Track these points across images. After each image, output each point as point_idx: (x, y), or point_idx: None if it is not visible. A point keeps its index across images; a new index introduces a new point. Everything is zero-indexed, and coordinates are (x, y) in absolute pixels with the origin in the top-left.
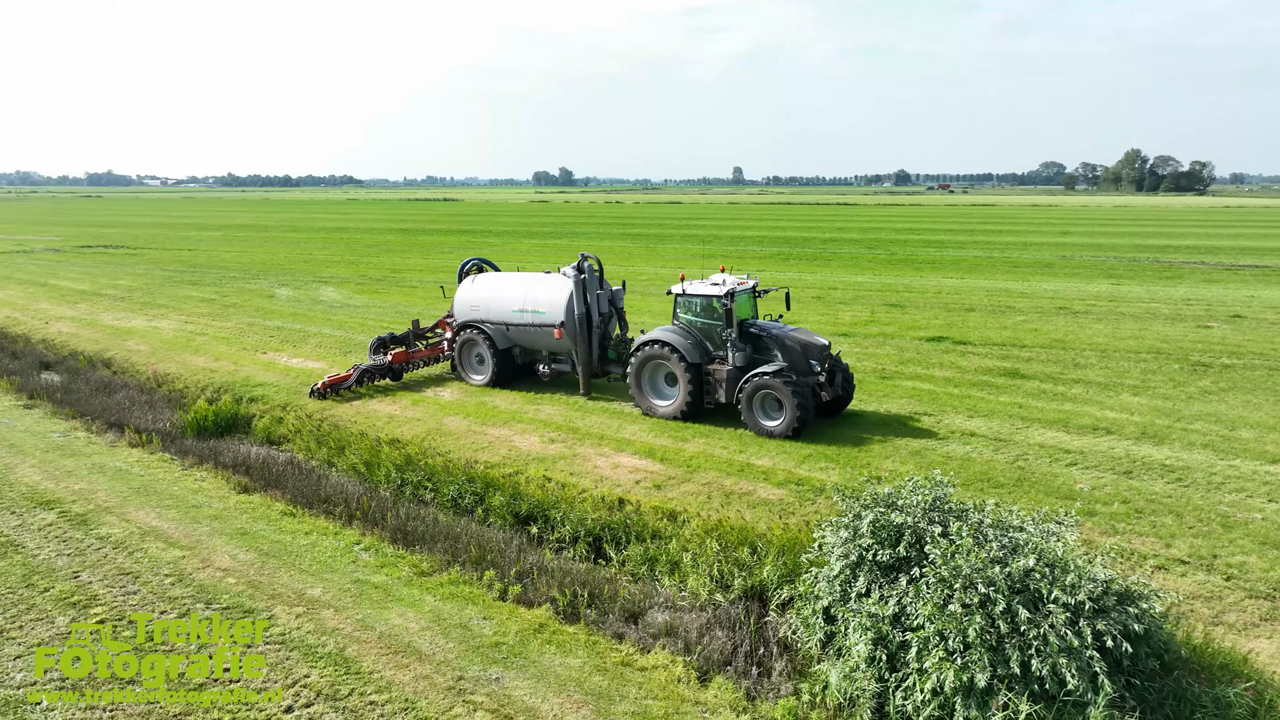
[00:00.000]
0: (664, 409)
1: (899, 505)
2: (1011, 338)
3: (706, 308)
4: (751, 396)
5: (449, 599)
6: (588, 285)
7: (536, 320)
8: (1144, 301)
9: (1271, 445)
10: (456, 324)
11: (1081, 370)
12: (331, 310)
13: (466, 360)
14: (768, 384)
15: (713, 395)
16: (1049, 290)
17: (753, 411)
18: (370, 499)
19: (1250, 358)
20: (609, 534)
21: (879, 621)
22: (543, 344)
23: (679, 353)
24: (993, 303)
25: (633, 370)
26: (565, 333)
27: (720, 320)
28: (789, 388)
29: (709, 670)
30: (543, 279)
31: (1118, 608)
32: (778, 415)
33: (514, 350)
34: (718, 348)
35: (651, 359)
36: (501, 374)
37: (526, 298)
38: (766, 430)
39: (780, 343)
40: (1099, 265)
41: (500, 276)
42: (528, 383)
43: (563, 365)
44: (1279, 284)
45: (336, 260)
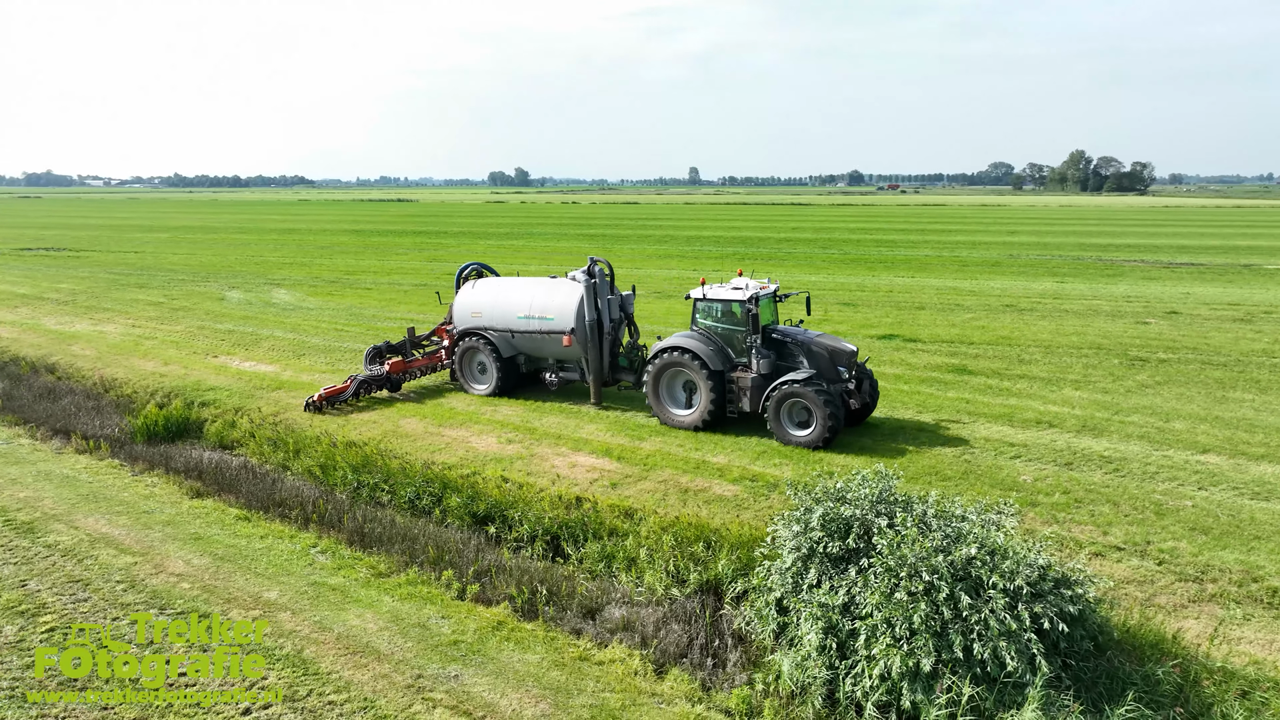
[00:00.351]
0: (683, 419)
1: (848, 499)
2: (960, 335)
3: (728, 313)
4: (779, 405)
5: (407, 599)
6: (599, 290)
7: (544, 327)
8: (1086, 299)
9: (1202, 435)
10: (456, 332)
11: (1026, 366)
12: (284, 313)
13: (468, 369)
14: (797, 392)
15: (736, 404)
16: (996, 288)
17: (780, 421)
18: (327, 502)
19: (1185, 352)
20: (566, 532)
21: (829, 611)
22: (550, 352)
23: (701, 360)
24: (942, 301)
25: (650, 378)
26: (575, 340)
27: (743, 326)
28: (820, 397)
29: (665, 663)
30: (551, 284)
31: (1054, 592)
32: (806, 425)
33: (518, 358)
34: (740, 354)
35: (670, 366)
36: (506, 383)
37: (533, 303)
38: (794, 440)
39: (806, 349)
40: (1045, 264)
41: (504, 281)
42: (532, 392)
43: (571, 373)
44: (1213, 281)
45: (288, 262)
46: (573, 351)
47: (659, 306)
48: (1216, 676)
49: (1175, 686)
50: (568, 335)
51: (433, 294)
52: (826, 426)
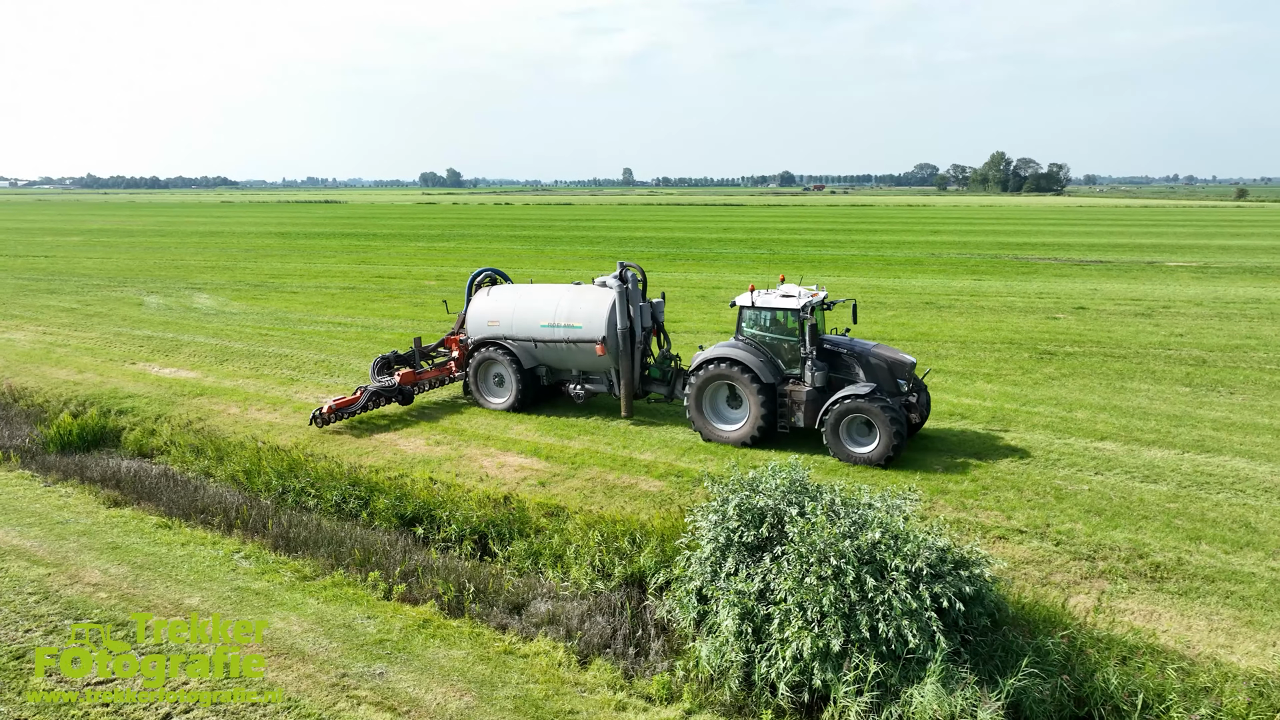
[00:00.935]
0: (730, 433)
1: (761, 489)
2: (881, 332)
3: (778, 322)
4: (839, 420)
5: (332, 601)
6: (630, 297)
7: (571, 336)
8: (1002, 296)
9: (1101, 424)
10: (471, 342)
11: (942, 361)
12: (206, 318)
13: (483, 381)
14: (860, 407)
15: (788, 419)
16: (917, 286)
17: (839, 437)
18: (251, 507)
19: (1089, 346)
20: (494, 531)
21: (745, 598)
22: (576, 362)
23: (752, 372)
24: (865, 299)
25: (693, 391)
26: (607, 349)
27: (794, 336)
28: (887, 413)
29: (589, 654)
30: (578, 290)
31: (953, 573)
32: (867, 440)
33: (540, 370)
34: (790, 366)
35: (716, 379)
36: (525, 396)
37: (559, 311)
38: (856, 458)
39: (863, 360)
40: (964, 262)
41: (523, 288)
42: (556, 406)
43: (598, 385)
44: (1119, 278)
45: (210, 266)
46: (602, 362)
47: None
48: (1100, 645)
49: (1063, 656)
50: (600, 344)
51: (364, 297)
52: (892, 445)
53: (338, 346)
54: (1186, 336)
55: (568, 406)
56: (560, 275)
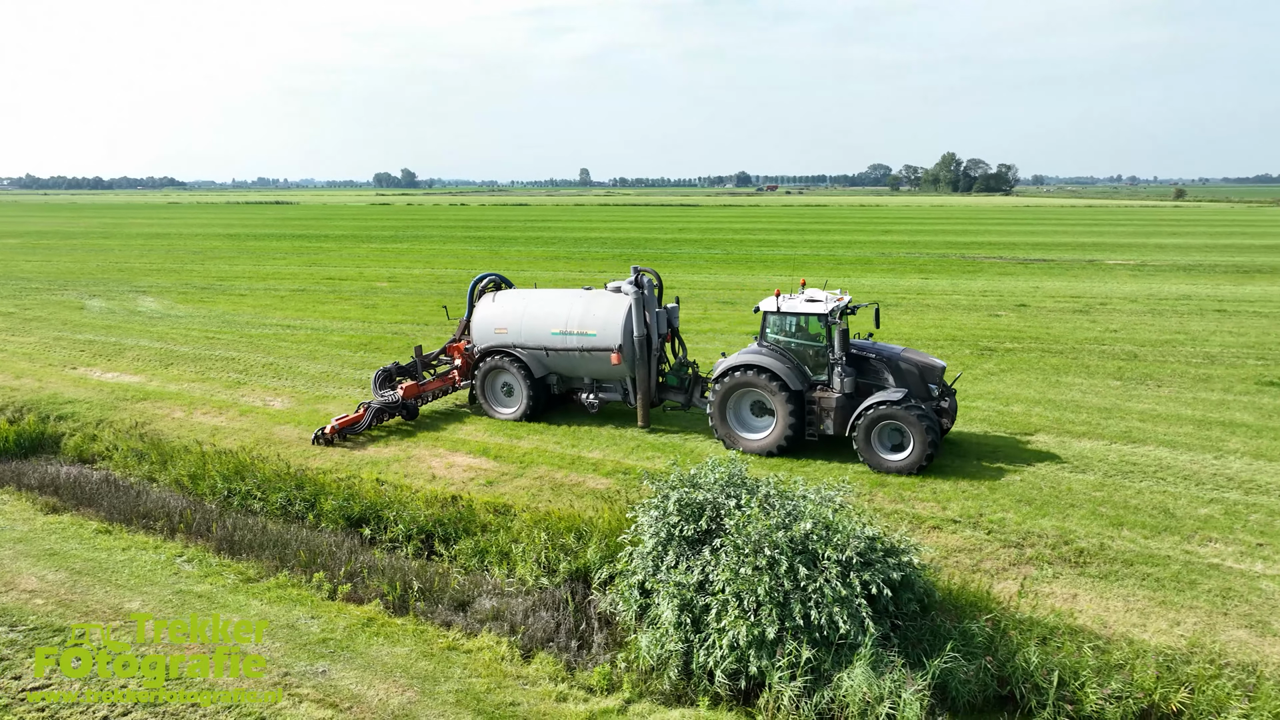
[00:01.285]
0: (756, 442)
1: (700, 484)
2: None
3: (803, 327)
4: (871, 428)
5: (276, 602)
6: (646, 302)
7: (585, 344)
8: (947, 294)
9: (1035, 417)
10: (478, 350)
11: None
12: (151, 321)
13: (491, 391)
14: (894, 414)
15: (817, 426)
16: (867, 285)
17: (871, 445)
18: (195, 511)
19: (1029, 342)
20: (441, 530)
21: (684, 589)
22: (589, 370)
23: (780, 379)
24: None
25: (716, 399)
26: (623, 358)
27: (819, 341)
28: (922, 420)
29: (533, 648)
30: (591, 296)
31: (882, 561)
32: (901, 448)
33: (550, 379)
34: (816, 372)
35: (741, 386)
36: (536, 406)
37: (571, 318)
38: (888, 466)
39: (893, 365)
40: (913, 261)
41: (531, 294)
42: (568, 415)
43: (611, 394)
44: (1060, 276)
45: (156, 268)
46: (617, 370)
47: None
48: (1022, 627)
49: (987, 638)
50: (616, 353)
51: (315, 299)
52: (926, 454)
53: (286, 349)
54: (1120, 332)
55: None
56: (517, 277)
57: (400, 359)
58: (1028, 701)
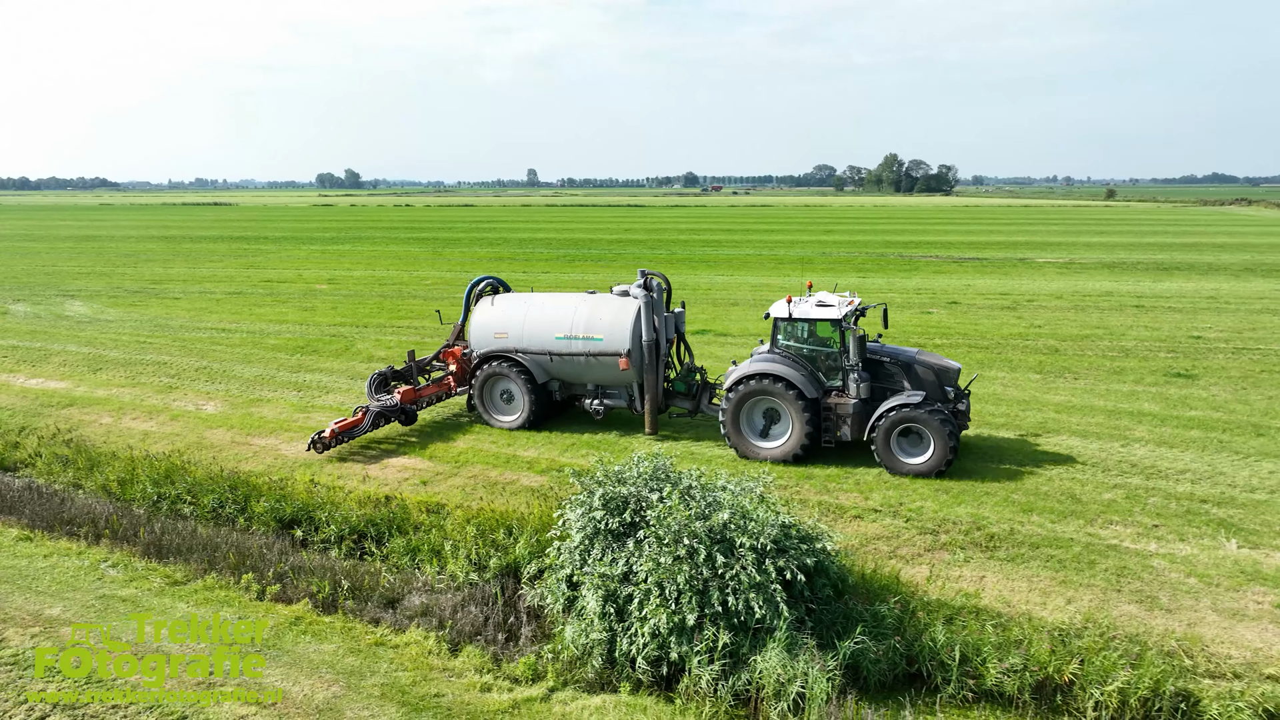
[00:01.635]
0: (771, 451)
1: (624, 479)
2: (765, 329)
3: (815, 332)
4: (890, 432)
5: (203, 603)
6: (655, 306)
7: (591, 349)
8: (883, 292)
9: None
10: (476, 355)
11: None
12: (79, 326)
13: (490, 398)
14: (914, 417)
15: (833, 432)
16: (805, 284)
17: (890, 449)
18: (122, 517)
19: (957, 338)
20: (373, 530)
21: (609, 580)
22: (594, 376)
23: (796, 387)
24: (755, 297)
25: (729, 408)
26: (631, 362)
27: (832, 346)
28: (944, 424)
29: (460, 642)
30: (596, 299)
31: (796, 547)
32: (919, 451)
33: (552, 385)
34: (830, 377)
35: (755, 394)
36: (538, 413)
37: (576, 322)
38: (908, 469)
39: (908, 368)
40: (852, 260)
41: (532, 298)
42: (569, 422)
43: (616, 400)
44: (991, 274)
45: (85, 271)
46: (623, 375)
47: None
48: (930, 608)
49: (896, 620)
50: (624, 358)
51: (251, 302)
52: (946, 460)
53: (220, 353)
54: (1044, 328)
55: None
56: (457, 278)
57: (334, 361)
58: (934, 678)
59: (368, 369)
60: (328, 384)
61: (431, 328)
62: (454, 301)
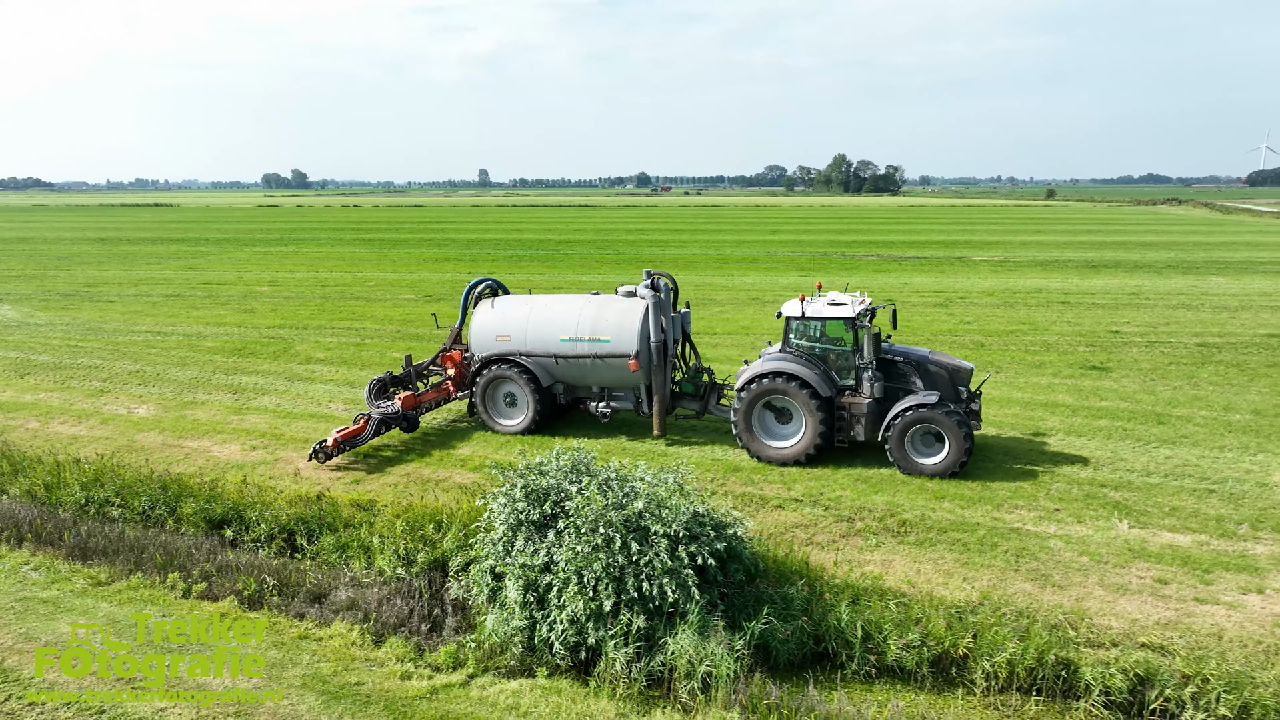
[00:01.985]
0: (785, 450)
1: (545, 471)
2: (707, 326)
3: (828, 332)
4: (905, 431)
5: (127, 603)
6: (663, 307)
7: (597, 350)
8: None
9: None
10: (478, 359)
11: (753, 352)
12: (6, 330)
13: (492, 402)
14: (930, 417)
15: (847, 432)
16: (748, 283)
17: (905, 449)
18: (46, 520)
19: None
20: (303, 528)
21: (530, 570)
22: (600, 378)
23: (810, 386)
24: (699, 296)
25: (741, 408)
26: (640, 363)
27: (844, 345)
28: (960, 425)
29: (384, 633)
30: (601, 300)
31: (708, 534)
32: (934, 451)
33: (556, 388)
34: (843, 376)
35: (768, 394)
36: (542, 417)
37: (581, 324)
38: (922, 469)
39: (921, 368)
40: (795, 260)
41: (534, 299)
42: (573, 425)
43: (622, 402)
44: (929, 272)
45: (15, 274)
46: (630, 377)
47: (438, 306)
48: (837, 590)
49: (805, 601)
50: (633, 359)
51: (189, 304)
52: (961, 459)
53: (155, 356)
54: (973, 324)
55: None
56: (403, 279)
57: (271, 364)
58: (839, 656)
59: (306, 371)
60: (264, 385)
61: (372, 329)
62: (396, 303)
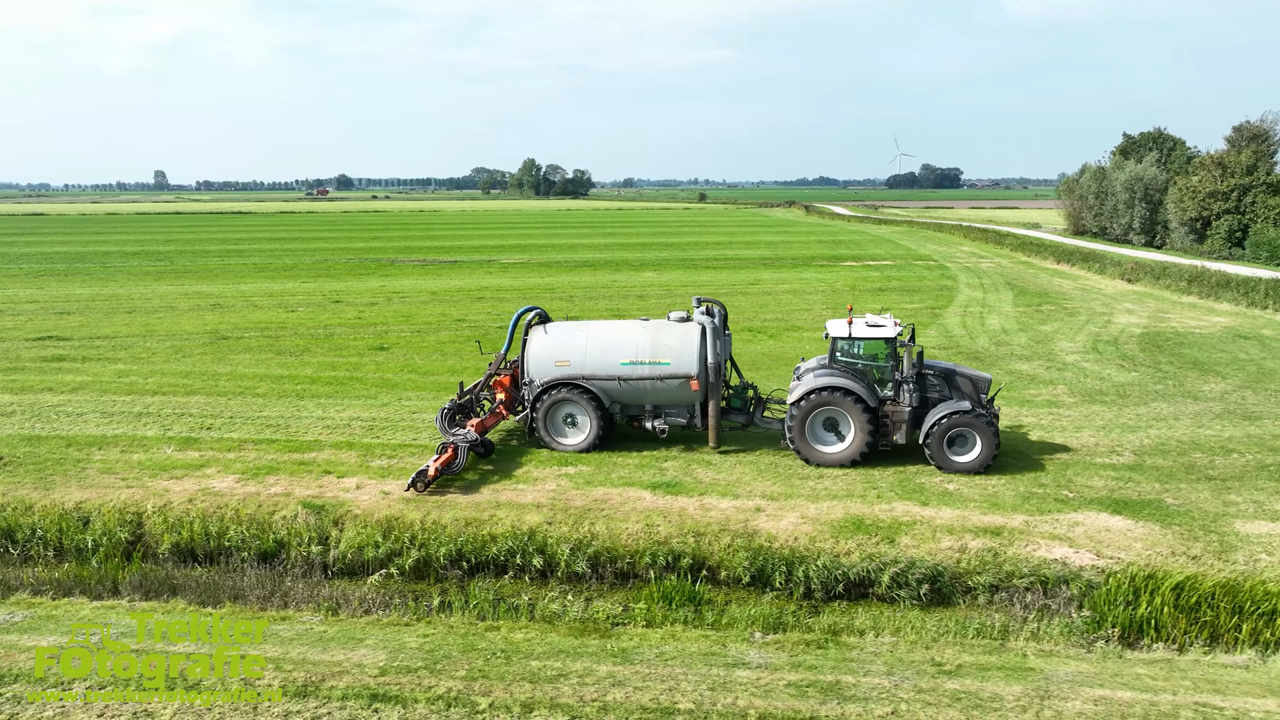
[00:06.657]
0: (835, 455)
1: None
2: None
3: (867, 349)
4: (944, 435)
5: None
6: (716, 331)
7: (658, 372)
8: (277, 296)
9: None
10: (539, 384)
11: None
12: None
13: (552, 424)
14: (966, 421)
15: (888, 437)
16: (246, 290)
17: (943, 450)
18: None
19: (276, 329)
20: None
21: None
22: (657, 398)
23: (861, 400)
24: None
25: (796, 419)
26: (699, 383)
27: (879, 360)
28: (990, 428)
29: None
30: (656, 325)
31: None
32: (965, 451)
33: (613, 407)
34: (882, 388)
35: (821, 405)
36: (604, 435)
37: (641, 348)
38: (957, 467)
39: (950, 379)
40: (326, 266)
41: (589, 325)
42: (636, 441)
43: (676, 418)
44: (420, 275)
45: None
46: (685, 396)
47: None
48: None
49: None
50: (694, 379)
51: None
52: (992, 452)
53: None
54: (363, 317)
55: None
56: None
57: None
58: None
59: None
60: None
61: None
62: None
